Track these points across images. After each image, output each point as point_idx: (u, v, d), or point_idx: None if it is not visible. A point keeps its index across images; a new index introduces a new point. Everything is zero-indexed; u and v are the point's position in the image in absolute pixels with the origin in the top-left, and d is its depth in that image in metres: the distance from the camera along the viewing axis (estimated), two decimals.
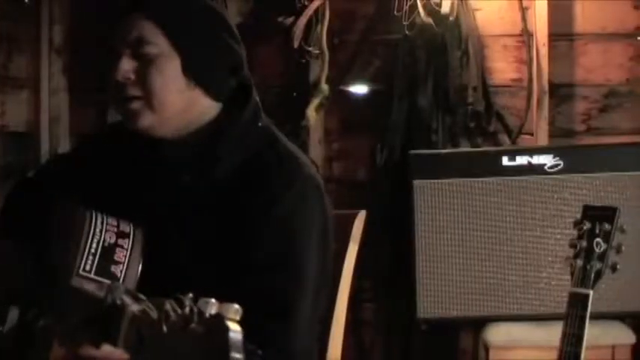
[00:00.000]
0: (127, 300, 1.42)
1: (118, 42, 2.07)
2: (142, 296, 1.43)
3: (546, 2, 3.88)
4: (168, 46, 2.05)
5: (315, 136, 4.06)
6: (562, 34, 3.97)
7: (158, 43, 2.04)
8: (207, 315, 1.30)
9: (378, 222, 3.74)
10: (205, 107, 2.12)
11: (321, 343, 2.25)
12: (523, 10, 3.94)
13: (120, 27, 2.07)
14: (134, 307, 1.40)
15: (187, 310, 1.32)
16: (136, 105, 2.06)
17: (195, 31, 2.07)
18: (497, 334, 3.58)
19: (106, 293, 1.45)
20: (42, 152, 4.17)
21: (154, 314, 1.36)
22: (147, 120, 2.06)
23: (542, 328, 3.49)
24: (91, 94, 4.17)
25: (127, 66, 2.05)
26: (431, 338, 3.90)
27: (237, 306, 1.31)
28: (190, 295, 1.34)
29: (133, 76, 2.05)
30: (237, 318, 1.30)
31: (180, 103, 2.07)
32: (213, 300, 1.32)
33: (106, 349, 1.47)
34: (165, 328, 1.32)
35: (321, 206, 2.11)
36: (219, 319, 1.29)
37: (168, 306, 1.34)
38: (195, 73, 2.07)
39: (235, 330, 1.28)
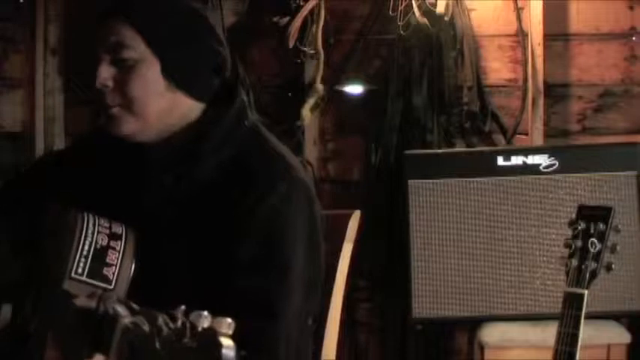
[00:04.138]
0: (120, 310, 1.41)
1: (97, 47, 2.06)
2: (135, 306, 1.42)
3: (541, 2, 3.89)
4: (147, 50, 2.04)
5: (310, 136, 4.06)
6: (557, 34, 3.97)
7: (137, 48, 2.03)
8: (199, 329, 1.30)
9: (373, 222, 3.75)
10: (188, 108, 2.11)
11: (315, 343, 2.25)
12: (518, 10, 3.95)
13: (99, 32, 2.06)
14: (127, 319, 1.39)
15: (180, 324, 1.32)
16: (116, 112, 2.05)
17: (174, 34, 2.06)
18: (492, 333, 3.58)
19: (97, 302, 1.45)
20: (37, 152, 4.16)
21: (146, 327, 1.35)
22: (129, 126, 2.06)
23: (537, 328, 3.49)
24: (86, 94, 4.16)
25: (105, 73, 2.04)
26: (426, 338, 3.90)
27: (229, 320, 1.30)
28: (182, 307, 1.33)
29: (111, 84, 2.04)
30: (230, 332, 1.30)
31: (161, 106, 2.06)
32: (205, 313, 1.31)
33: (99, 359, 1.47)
34: (157, 344, 1.32)
35: (307, 207, 2.09)
36: (211, 335, 1.28)
37: (160, 320, 1.33)
38: (175, 76, 2.06)
39: (228, 346, 1.28)
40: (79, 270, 1.91)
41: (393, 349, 4.00)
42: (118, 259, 1.95)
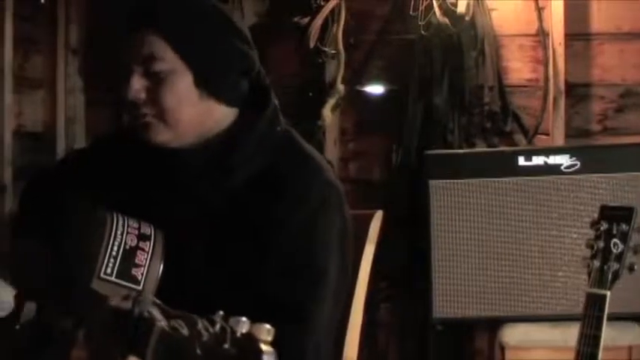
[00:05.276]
0: (155, 313, 1.40)
1: (128, 59, 2.04)
2: (170, 310, 1.42)
3: (562, 2, 3.88)
4: (179, 62, 2.03)
5: (331, 136, 4.06)
6: (578, 33, 3.96)
7: (169, 59, 2.02)
8: (238, 334, 1.29)
9: (394, 222, 3.73)
10: (221, 114, 2.10)
11: (337, 344, 2.24)
12: (539, 10, 3.94)
13: (129, 43, 2.04)
14: (163, 323, 1.38)
15: (219, 329, 1.31)
16: (150, 121, 2.04)
17: (205, 42, 2.05)
18: (513, 334, 3.57)
19: (132, 305, 1.44)
20: (58, 152, 4.18)
21: (185, 332, 1.34)
22: (163, 136, 2.05)
23: (558, 329, 3.48)
24: (107, 94, 4.17)
25: (137, 85, 2.03)
26: (446, 338, 3.90)
27: (268, 326, 1.29)
28: (221, 312, 1.32)
29: (144, 96, 2.03)
30: (270, 339, 1.29)
31: (194, 116, 2.05)
32: (244, 318, 1.30)
33: None
34: (198, 349, 1.31)
35: (340, 211, 2.09)
36: (252, 341, 1.27)
37: (200, 325, 1.32)
38: (208, 85, 2.05)
39: (268, 352, 1.27)
40: (108, 270, 1.91)
41: (413, 349, 4.00)
42: (146, 260, 1.94)
